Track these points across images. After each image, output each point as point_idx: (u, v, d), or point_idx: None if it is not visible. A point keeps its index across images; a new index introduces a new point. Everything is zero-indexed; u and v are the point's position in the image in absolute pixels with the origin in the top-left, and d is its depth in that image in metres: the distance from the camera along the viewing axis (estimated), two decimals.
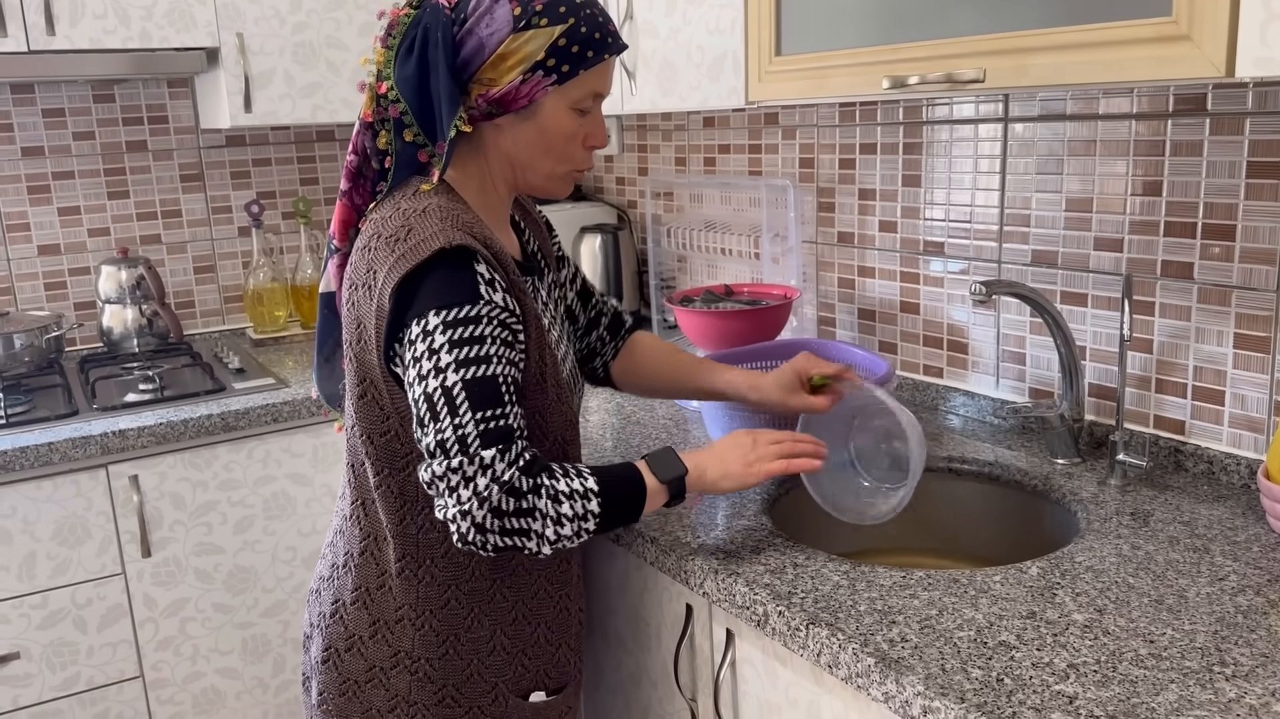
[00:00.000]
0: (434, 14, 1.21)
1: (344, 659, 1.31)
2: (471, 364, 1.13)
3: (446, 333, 1.13)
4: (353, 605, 1.31)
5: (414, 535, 1.26)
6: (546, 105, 1.24)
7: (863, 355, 1.78)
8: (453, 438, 1.12)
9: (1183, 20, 1.11)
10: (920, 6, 1.40)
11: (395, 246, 1.18)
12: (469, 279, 1.15)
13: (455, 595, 1.27)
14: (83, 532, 2.07)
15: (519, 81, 1.21)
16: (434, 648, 1.28)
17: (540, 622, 1.33)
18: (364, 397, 1.24)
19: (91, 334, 2.71)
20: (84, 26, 2.26)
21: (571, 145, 1.28)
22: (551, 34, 1.20)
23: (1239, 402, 1.52)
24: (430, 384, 1.13)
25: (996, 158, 1.81)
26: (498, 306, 1.16)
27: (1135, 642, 1.11)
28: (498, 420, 1.14)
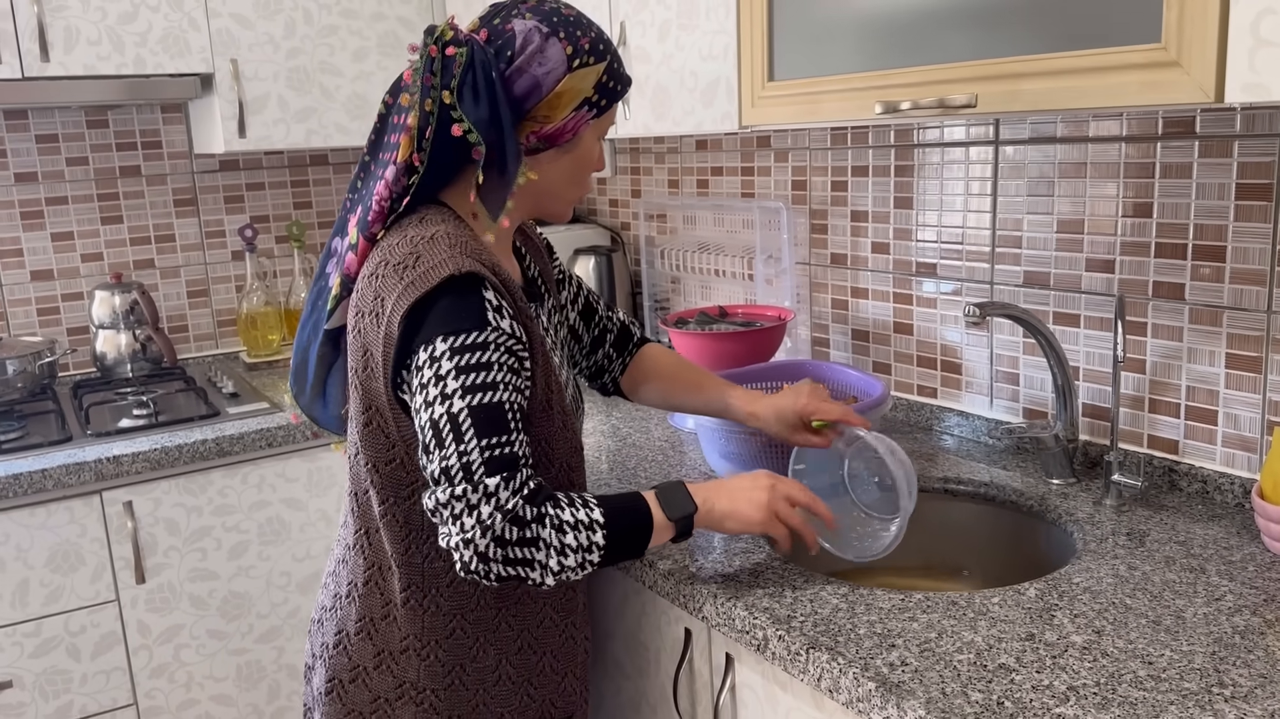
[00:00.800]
0: (484, 52, 1.19)
1: (348, 691, 1.30)
2: (478, 391, 1.13)
3: (453, 359, 1.13)
4: (357, 636, 1.29)
5: (419, 565, 1.25)
6: (585, 138, 1.27)
7: (858, 377, 1.79)
8: (457, 465, 1.12)
9: (1172, 47, 1.12)
10: (912, 33, 1.42)
11: (404, 274, 1.17)
12: (477, 306, 1.15)
13: (461, 625, 1.27)
14: (76, 558, 2.06)
15: (570, 117, 1.23)
16: (440, 678, 1.27)
17: (546, 650, 1.32)
18: (369, 424, 1.23)
19: (85, 359, 2.70)
20: (78, 53, 2.26)
21: (589, 172, 1.31)
22: (598, 71, 1.23)
23: (1232, 421, 1.53)
24: (436, 410, 1.13)
25: (988, 180, 1.82)
26: (505, 333, 1.16)
27: (1134, 663, 1.12)
28: (503, 448, 1.13)
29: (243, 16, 2.42)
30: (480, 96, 1.18)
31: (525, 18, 1.21)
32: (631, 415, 2.14)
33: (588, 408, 2.22)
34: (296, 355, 1.38)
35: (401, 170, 1.23)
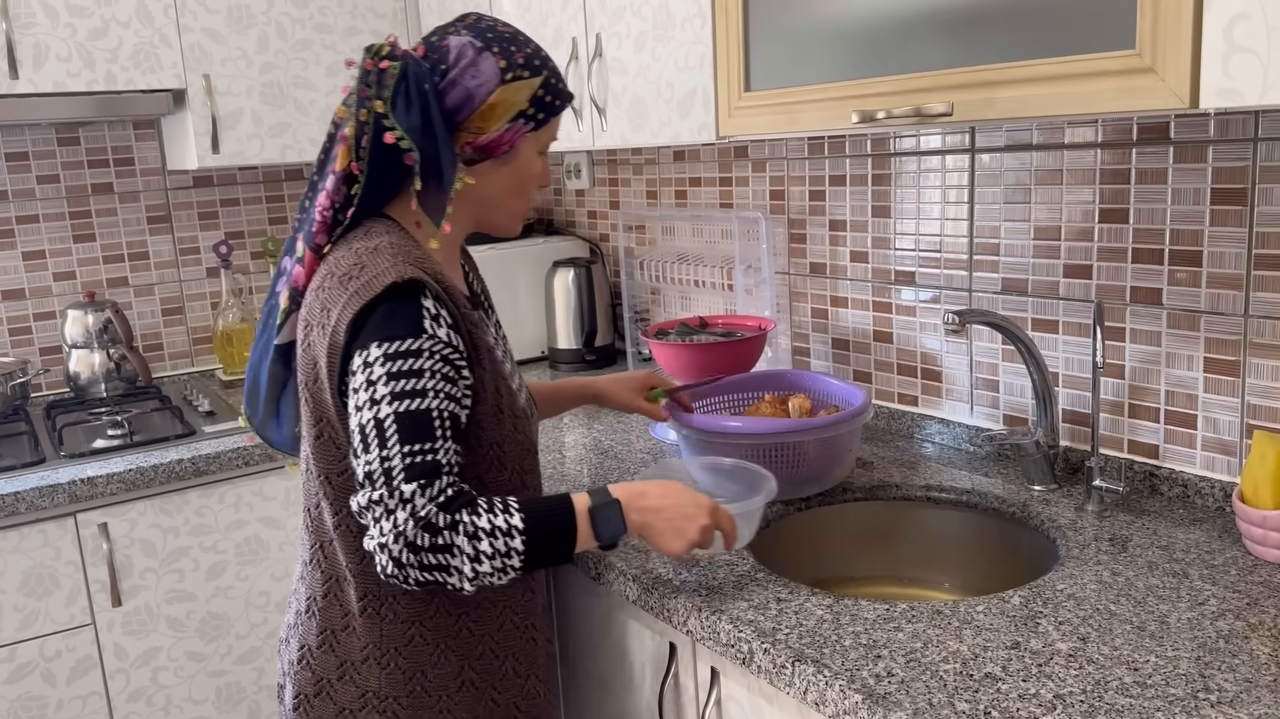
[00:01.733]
0: (418, 64, 1.24)
1: (314, 705, 1.30)
2: (406, 397, 1.15)
3: (385, 365, 1.15)
4: (319, 649, 1.30)
5: (374, 573, 1.26)
6: (523, 150, 1.31)
7: (839, 386, 1.79)
8: (379, 469, 1.14)
9: (1146, 53, 1.13)
10: (888, 42, 1.42)
11: (348, 284, 1.20)
12: (414, 314, 1.17)
13: (420, 632, 1.27)
14: (50, 582, 2.03)
15: (505, 129, 1.27)
16: (401, 686, 1.27)
17: (508, 654, 1.32)
18: (320, 437, 1.25)
19: (58, 379, 2.67)
20: (48, 69, 2.24)
21: (532, 185, 1.35)
22: (533, 85, 1.27)
23: (1211, 425, 1.54)
24: (365, 415, 1.16)
25: (964, 188, 1.83)
26: (441, 342, 1.18)
27: (1120, 670, 1.11)
28: (425, 455, 1.14)
29: (215, 31, 2.40)
30: (412, 105, 1.22)
31: (461, 34, 1.27)
32: (613, 427, 2.13)
33: (569, 421, 2.21)
34: (249, 376, 1.39)
35: (340, 179, 1.26)
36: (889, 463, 1.82)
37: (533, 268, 2.73)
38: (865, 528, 1.71)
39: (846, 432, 1.61)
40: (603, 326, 2.69)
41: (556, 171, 2.94)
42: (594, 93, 2.08)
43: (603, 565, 1.48)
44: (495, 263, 2.67)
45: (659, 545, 1.26)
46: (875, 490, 1.71)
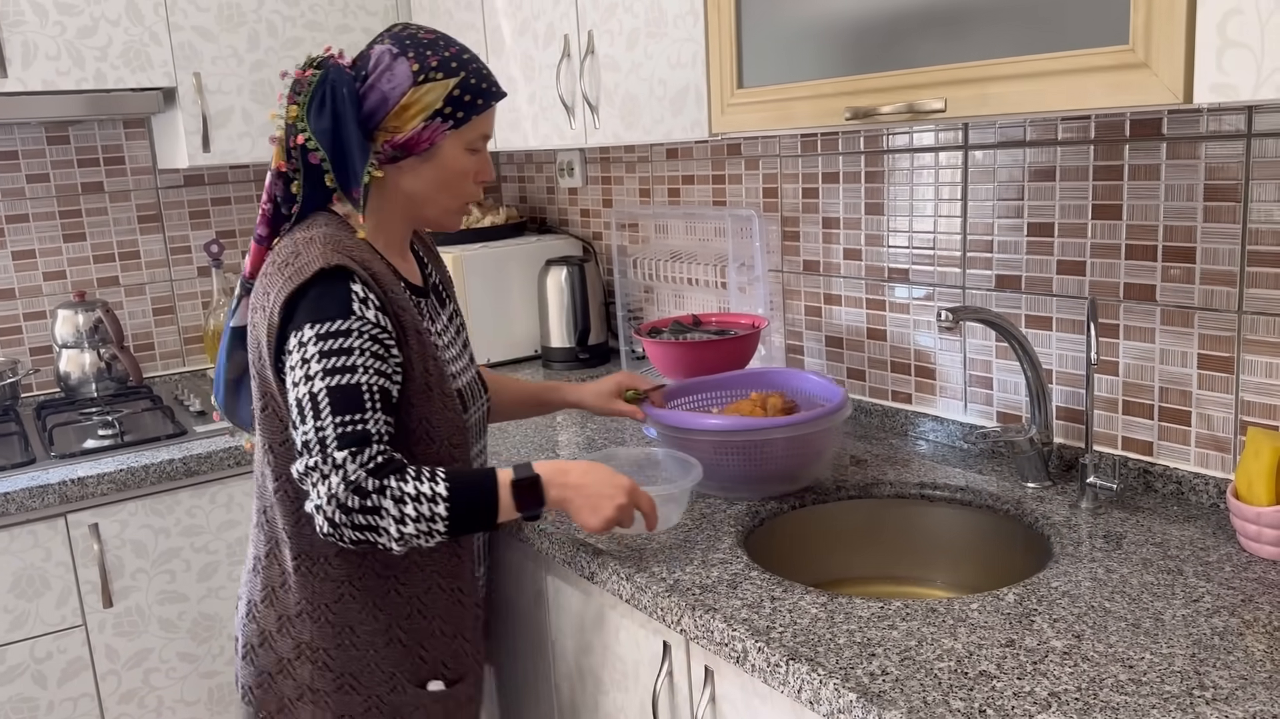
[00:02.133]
0: (338, 71, 1.35)
1: (258, 654, 1.42)
2: (337, 373, 1.26)
3: (318, 344, 1.27)
4: (262, 604, 1.42)
5: (308, 536, 1.37)
6: (445, 148, 1.39)
7: (818, 382, 1.80)
8: (314, 439, 1.25)
9: (1139, 48, 1.12)
10: (881, 38, 1.42)
11: (284, 270, 1.32)
12: (343, 297, 1.28)
13: (349, 591, 1.38)
14: (41, 583, 2.02)
15: (421, 128, 1.36)
16: (330, 639, 1.38)
17: (435, 615, 1.42)
18: (265, 409, 1.37)
19: (48, 379, 2.65)
20: (37, 68, 2.23)
21: (465, 182, 1.43)
22: (447, 85, 1.36)
23: (1205, 422, 1.54)
24: (300, 390, 1.27)
25: (957, 185, 1.82)
26: (369, 322, 1.29)
27: (1114, 667, 1.11)
28: (355, 425, 1.25)
29: (205, 29, 2.39)
30: (325, 109, 1.34)
31: (383, 42, 1.38)
32: (606, 425, 2.13)
33: (564, 420, 2.20)
34: (219, 365, 1.51)
35: (275, 176, 1.39)
36: (883, 460, 1.81)
37: (525, 266, 2.72)
38: (859, 526, 1.71)
39: (817, 431, 1.61)
40: (596, 325, 2.68)
41: (549, 170, 2.94)
42: (586, 90, 2.07)
43: (596, 564, 1.47)
44: (488, 261, 2.66)
45: (577, 520, 1.36)
46: (869, 488, 1.71)
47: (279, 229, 1.43)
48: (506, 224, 2.83)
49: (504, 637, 1.83)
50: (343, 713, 1.39)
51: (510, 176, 3.16)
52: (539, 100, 2.24)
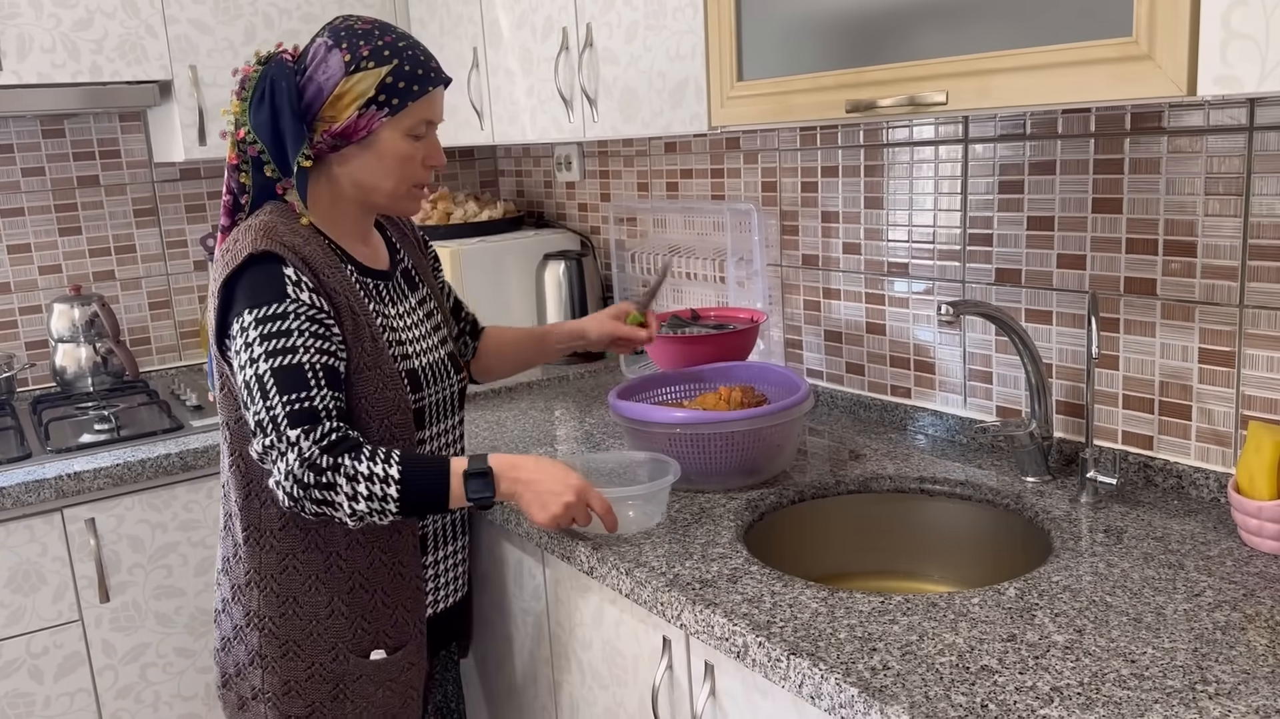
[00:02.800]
0: (279, 66, 1.41)
1: (221, 619, 1.51)
2: (279, 354, 1.32)
3: (258, 328, 1.33)
4: (222, 573, 1.51)
5: (256, 510, 1.43)
6: (383, 135, 1.42)
7: (782, 374, 1.82)
8: (266, 419, 1.31)
9: (1143, 40, 1.12)
10: (882, 30, 1.41)
11: (225, 257, 1.39)
12: (277, 281, 1.34)
13: (293, 564, 1.43)
14: (37, 578, 2.01)
15: (356, 116, 1.40)
16: (275, 608, 1.44)
17: (377, 588, 1.47)
18: (222, 389, 1.44)
19: (44, 374, 2.64)
20: (32, 61, 2.22)
21: (409, 166, 1.46)
22: (380, 74, 1.39)
23: (1206, 416, 1.53)
24: (248, 372, 1.33)
25: (957, 178, 1.82)
26: (304, 304, 1.34)
27: (1116, 662, 1.11)
28: (303, 403, 1.31)
29: (201, 22, 2.38)
30: (264, 103, 1.39)
31: (322, 35, 1.43)
32: (605, 420, 2.12)
33: (562, 414, 2.20)
34: None
35: (230, 170, 1.46)
36: (882, 455, 1.81)
37: (523, 260, 2.71)
38: (859, 520, 1.70)
39: (773, 425, 1.61)
40: None
41: (547, 163, 2.93)
42: (584, 83, 2.06)
43: (595, 559, 1.47)
44: (485, 256, 2.65)
45: (526, 513, 1.41)
46: (868, 483, 1.71)
47: (237, 218, 1.49)
48: (504, 218, 2.82)
49: (502, 631, 1.82)
50: (288, 678, 1.45)
51: (508, 170, 3.15)
52: (537, 93, 2.23)
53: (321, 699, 1.45)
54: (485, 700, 1.93)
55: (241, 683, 1.48)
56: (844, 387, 2.11)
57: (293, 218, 1.44)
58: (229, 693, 1.51)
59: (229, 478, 1.46)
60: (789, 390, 1.78)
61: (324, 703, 1.45)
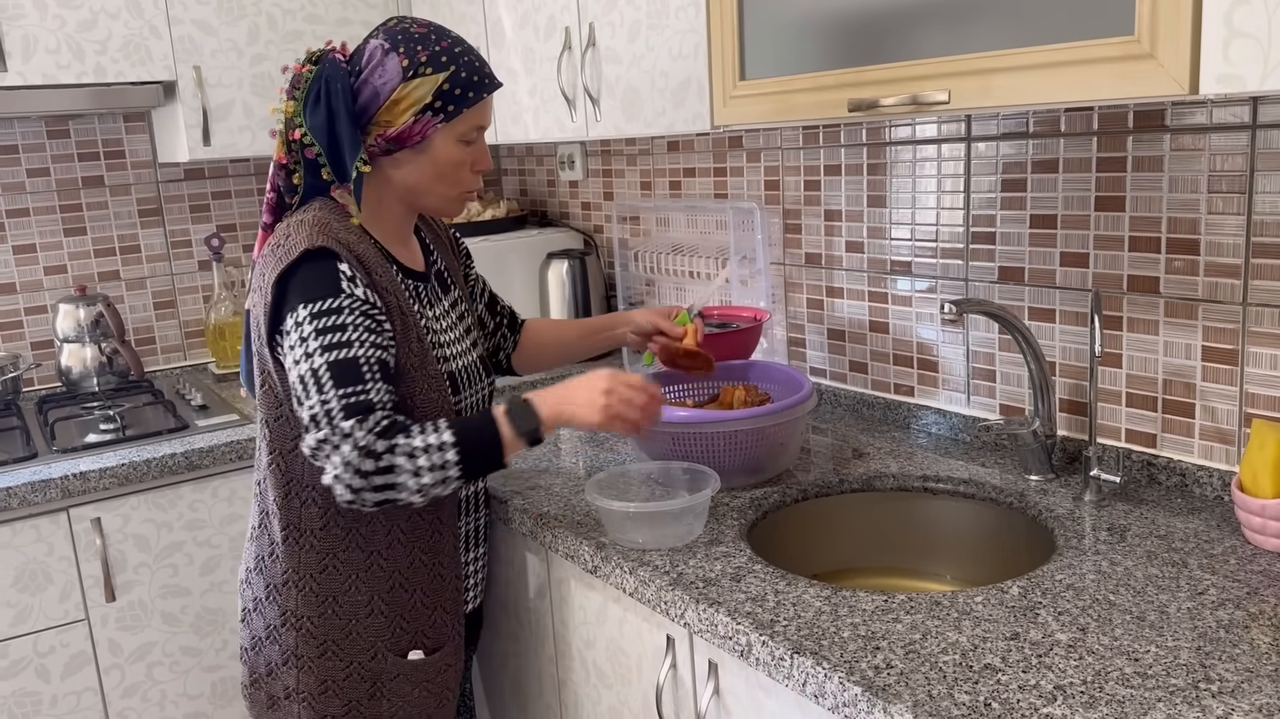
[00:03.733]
0: (334, 67, 1.40)
1: (252, 619, 1.50)
2: (335, 348, 1.32)
3: (313, 323, 1.32)
4: (255, 572, 1.49)
5: (296, 509, 1.42)
6: (437, 141, 1.43)
7: (786, 372, 1.82)
8: (320, 412, 1.31)
9: (1145, 39, 1.12)
10: (884, 29, 1.41)
11: (276, 252, 1.38)
12: (332, 276, 1.34)
13: (333, 563, 1.43)
14: (44, 578, 2.02)
15: (412, 122, 1.40)
16: (314, 607, 1.44)
17: (416, 588, 1.47)
18: (263, 386, 1.43)
19: (49, 374, 2.65)
20: (37, 62, 2.22)
21: (460, 172, 1.46)
22: (437, 80, 1.39)
23: (1209, 414, 1.53)
24: (302, 367, 1.32)
25: (960, 177, 1.82)
26: (358, 299, 1.34)
27: (1120, 660, 1.11)
28: (358, 395, 1.31)
29: (205, 23, 2.38)
30: (320, 104, 1.39)
31: (377, 37, 1.42)
32: None
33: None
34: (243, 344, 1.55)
35: (278, 168, 1.45)
36: (885, 454, 1.81)
37: (527, 259, 2.72)
38: (862, 519, 1.70)
39: (777, 424, 1.61)
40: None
41: (550, 163, 2.93)
42: (587, 83, 2.06)
43: (599, 558, 1.47)
44: (489, 254, 2.65)
45: (583, 422, 1.40)
46: (871, 481, 1.71)
47: (282, 216, 1.49)
48: (507, 217, 2.83)
49: (506, 629, 1.82)
50: (325, 678, 1.45)
51: (511, 170, 3.16)
52: (540, 93, 2.24)
53: (359, 698, 1.45)
54: (489, 698, 1.93)
55: (273, 682, 1.47)
56: (847, 385, 2.11)
57: (343, 215, 1.44)
58: (258, 692, 1.50)
59: (267, 476, 1.45)
60: (792, 389, 1.79)
61: (361, 702, 1.46)
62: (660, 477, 1.61)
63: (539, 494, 1.71)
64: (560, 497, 1.69)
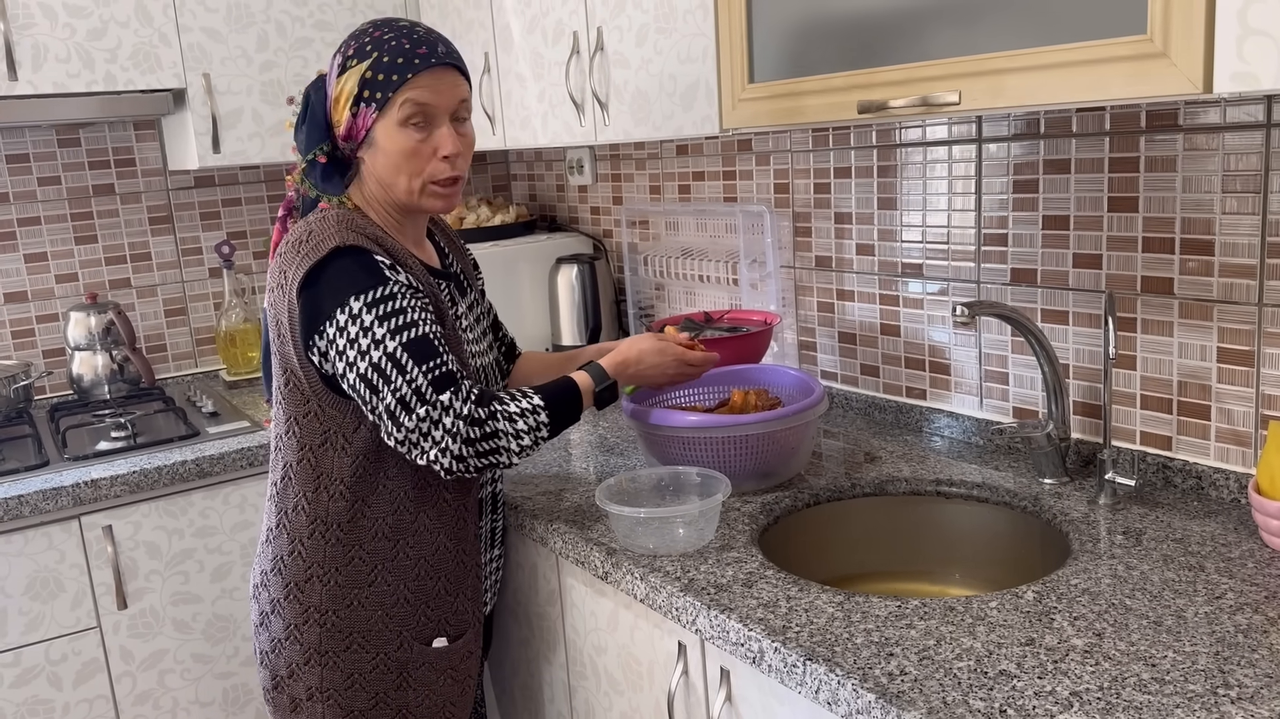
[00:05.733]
0: (316, 83, 1.46)
1: (270, 621, 1.49)
2: (403, 330, 1.34)
3: (372, 311, 1.33)
4: (272, 573, 1.48)
5: (324, 503, 1.43)
6: (378, 131, 1.41)
7: (796, 376, 1.81)
8: (410, 393, 1.33)
9: (1158, 38, 1.11)
10: (893, 30, 1.40)
11: (300, 248, 1.38)
12: (373, 265, 1.35)
13: (358, 554, 1.44)
14: (55, 585, 2.02)
15: (350, 117, 1.41)
16: (340, 600, 1.44)
17: (441, 575, 1.48)
18: (288, 384, 1.43)
19: (61, 382, 2.66)
20: (47, 70, 2.23)
21: (418, 160, 1.42)
22: (360, 70, 1.39)
23: (1225, 416, 1.52)
24: (374, 355, 1.33)
25: (971, 178, 1.80)
26: (404, 284, 1.36)
27: (1137, 666, 1.09)
28: (440, 368, 1.34)
29: (214, 30, 2.39)
30: (302, 126, 1.45)
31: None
32: (617, 424, 2.12)
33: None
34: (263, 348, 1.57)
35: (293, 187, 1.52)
36: (897, 457, 1.80)
37: (536, 264, 2.71)
38: (874, 523, 1.69)
39: (787, 428, 1.61)
40: (607, 323, 2.67)
41: (559, 167, 2.93)
42: (596, 87, 2.06)
43: (610, 564, 1.46)
44: (498, 259, 2.65)
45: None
46: (884, 485, 1.70)
47: (295, 214, 1.53)
48: (516, 222, 2.82)
49: (517, 634, 1.82)
50: (352, 671, 1.44)
51: (520, 175, 3.16)
52: (548, 98, 2.23)
53: (386, 689, 1.46)
54: (500, 704, 1.92)
55: (295, 684, 1.47)
56: (858, 388, 2.10)
57: (360, 213, 1.45)
58: (280, 695, 1.49)
59: (294, 474, 1.44)
60: (803, 393, 1.78)
61: (389, 693, 1.46)
62: (671, 482, 1.60)
63: (549, 499, 1.70)
64: (571, 502, 1.69)
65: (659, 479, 1.60)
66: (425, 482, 1.45)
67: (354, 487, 1.42)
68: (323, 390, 1.40)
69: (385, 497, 1.43)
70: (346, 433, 1.41)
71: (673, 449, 1.64)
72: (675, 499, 1.59)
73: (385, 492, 1.43)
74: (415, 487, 1.45)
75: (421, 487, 1.45)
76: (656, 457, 1.70)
